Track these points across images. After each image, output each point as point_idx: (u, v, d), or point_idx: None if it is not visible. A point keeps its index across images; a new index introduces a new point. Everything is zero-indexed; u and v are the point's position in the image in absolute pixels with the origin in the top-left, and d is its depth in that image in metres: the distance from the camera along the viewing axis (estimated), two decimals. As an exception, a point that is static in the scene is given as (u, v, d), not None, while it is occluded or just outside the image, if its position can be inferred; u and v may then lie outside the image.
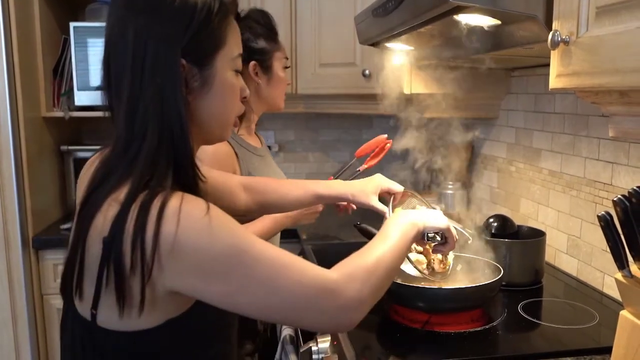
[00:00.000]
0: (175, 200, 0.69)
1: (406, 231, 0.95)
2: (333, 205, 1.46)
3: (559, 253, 1.60)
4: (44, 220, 2.15)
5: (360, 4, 2.00)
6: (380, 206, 1.18)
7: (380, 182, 1.21)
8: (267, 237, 1.49)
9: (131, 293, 0.70)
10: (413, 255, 1.19)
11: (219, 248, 0.69)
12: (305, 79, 2.29)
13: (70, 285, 0.75)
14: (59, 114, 2.18)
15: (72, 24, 2.13)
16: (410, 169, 1.78)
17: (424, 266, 1.25)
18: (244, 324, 0.79)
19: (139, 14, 0.75)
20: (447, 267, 1.24)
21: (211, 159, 1.33)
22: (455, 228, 1.51)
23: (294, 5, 2.27)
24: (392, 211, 1.18)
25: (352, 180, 1.24)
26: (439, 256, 1.23)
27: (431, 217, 1.04)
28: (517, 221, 1.71)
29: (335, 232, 2.11)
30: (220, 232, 0.70)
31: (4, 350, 2.02)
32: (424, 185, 2.53)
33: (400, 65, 1.81)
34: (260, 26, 1.54)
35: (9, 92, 1.92)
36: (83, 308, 0.75)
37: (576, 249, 1.52)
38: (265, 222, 1.50)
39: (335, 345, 1.14)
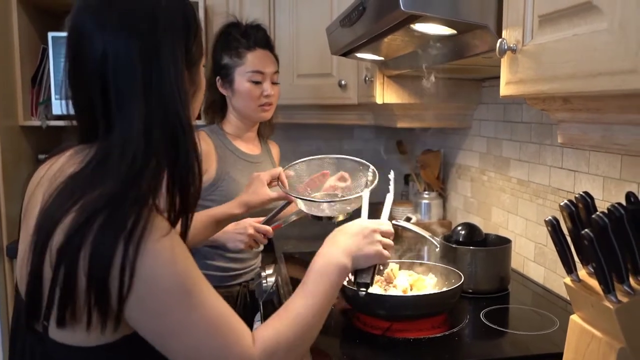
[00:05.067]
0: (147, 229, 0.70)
1: (335, 280, 0.91)
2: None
3: (527, 261, 1.61)
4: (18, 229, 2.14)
5: (336, 16, 2.02)
6: (275, 193, 1.28)
7: (258, 175, 1.32)
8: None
9: (84, 309, 0.69)
10: None
11: (167, 283, 0.71)
12: (283, 90, 2.30)
13: (31, 297, 0.73)
14: (36, 122, 2.19)
15: (50, 34, 2.14)
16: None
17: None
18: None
19: (139, 35, 0.74)
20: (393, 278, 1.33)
21: None
22: (424, 236, 1.54)
23: (272, 17, 2.30)
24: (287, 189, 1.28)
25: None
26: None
27: (363, 253, 0.97)
28: (489, 230, 1.73)
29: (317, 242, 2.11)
30: (173, 266, 0.71)
31: (-24, 359, 2.00)
32: (401, 195, 2.55)
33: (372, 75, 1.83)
34: (234, 41, 1.67)
35: (-15, 101, 1.93)
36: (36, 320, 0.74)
37: (542, 256, 1.53)
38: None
39: (295, 351, 1.14)
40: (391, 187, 1.16)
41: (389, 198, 1.13)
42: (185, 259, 0.74)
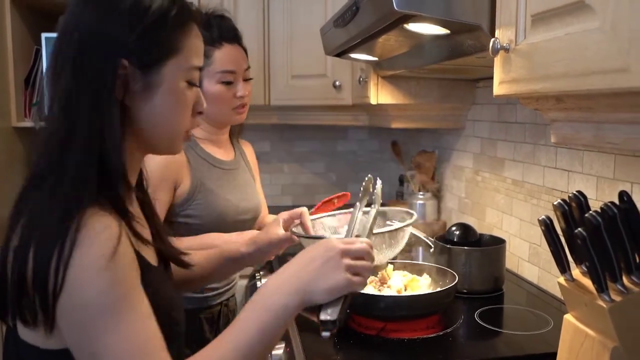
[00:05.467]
0: (85, 223, 0.67)
1: (270, 326, 0.75)
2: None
3: (522, 261, 1.62)
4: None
5: (330, 17, 2.03)
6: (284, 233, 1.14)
7: (279, 214, 1.18)
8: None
9: (34, 309, 0.68)
10: None
11: (94, 290, 0.66)
12: (278, 91, 2.31)
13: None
14: (29, 124, 2.18)
15: (43, 35, 2.14)
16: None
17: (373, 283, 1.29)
18: (189, 331, 0.76)
19: (88, 13, 0.74)
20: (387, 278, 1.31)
21: (156, 166, 1.27)
22: (419, 236, 1.54)
23: (267, 18, 2.30)
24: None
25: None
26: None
27: (322, 284, 0.78)
28: (484, 230, 1.73)
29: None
30: (105, 273, 0.67)
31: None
32: (396, 196, 2.55)
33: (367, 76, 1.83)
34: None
35: (-23, 102, 1.92)
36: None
37: (537, 256, 1.53)
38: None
39: (289, 352, 1.14)
40: (376, 198, 0.98)
41: (372, 212, 0.94)
42: (124, 270, 0.69)
